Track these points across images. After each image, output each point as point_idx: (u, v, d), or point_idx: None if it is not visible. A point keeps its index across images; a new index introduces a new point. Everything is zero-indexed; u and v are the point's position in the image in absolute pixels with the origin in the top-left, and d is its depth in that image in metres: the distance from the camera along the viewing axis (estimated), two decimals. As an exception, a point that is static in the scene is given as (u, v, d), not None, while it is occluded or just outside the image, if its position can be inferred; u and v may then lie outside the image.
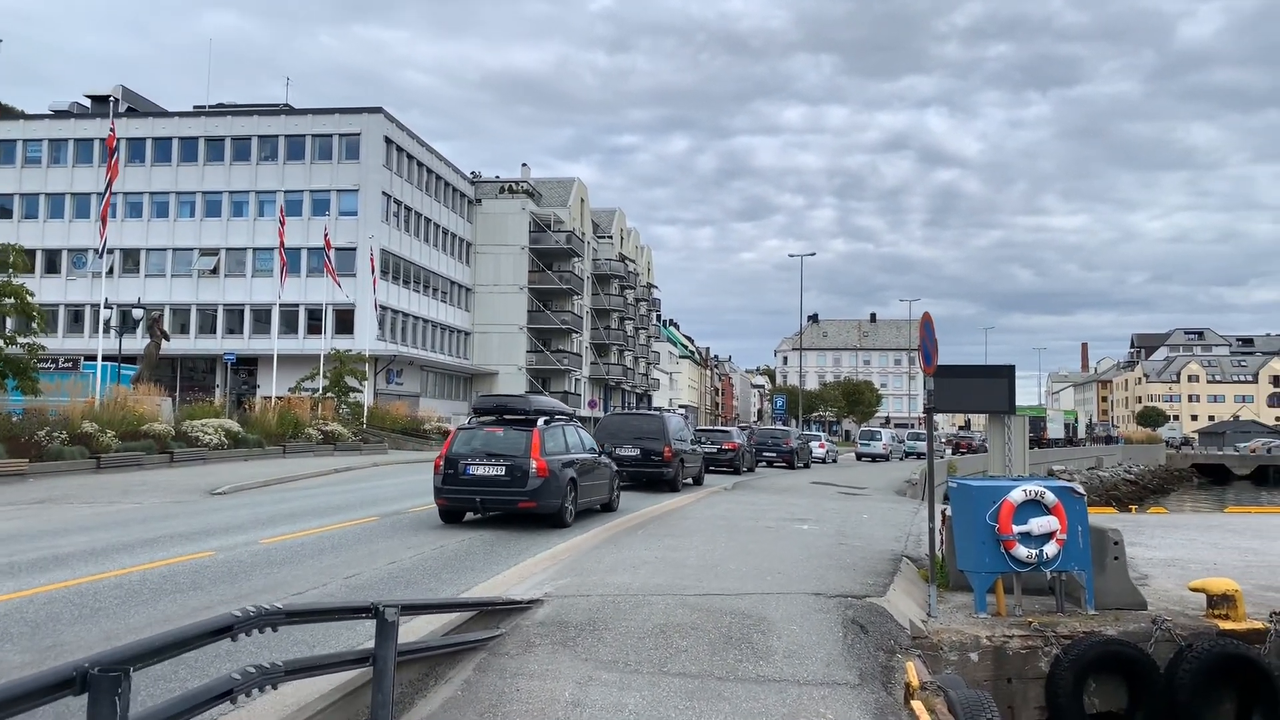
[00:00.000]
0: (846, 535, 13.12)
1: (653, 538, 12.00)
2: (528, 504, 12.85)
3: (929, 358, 9.51)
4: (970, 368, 26.41)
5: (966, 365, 32.28)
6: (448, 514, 13.41)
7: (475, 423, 14.17)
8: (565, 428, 14.57)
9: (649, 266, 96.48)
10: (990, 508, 9.35)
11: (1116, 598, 9.71)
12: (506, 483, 12.83)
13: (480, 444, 13.33)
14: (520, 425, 13.55)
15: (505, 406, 14.36)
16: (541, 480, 12.82)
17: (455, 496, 13.04)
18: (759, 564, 10.01)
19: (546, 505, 13.00)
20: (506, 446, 13.10)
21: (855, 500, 19.88)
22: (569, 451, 14.06)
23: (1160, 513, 23.53)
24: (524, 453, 12.89)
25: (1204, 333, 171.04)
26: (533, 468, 12.79)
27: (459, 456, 13.10)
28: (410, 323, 57.54)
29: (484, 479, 12.88)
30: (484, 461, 12.97)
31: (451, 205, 64.00)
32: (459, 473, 12.97)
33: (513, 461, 12.88)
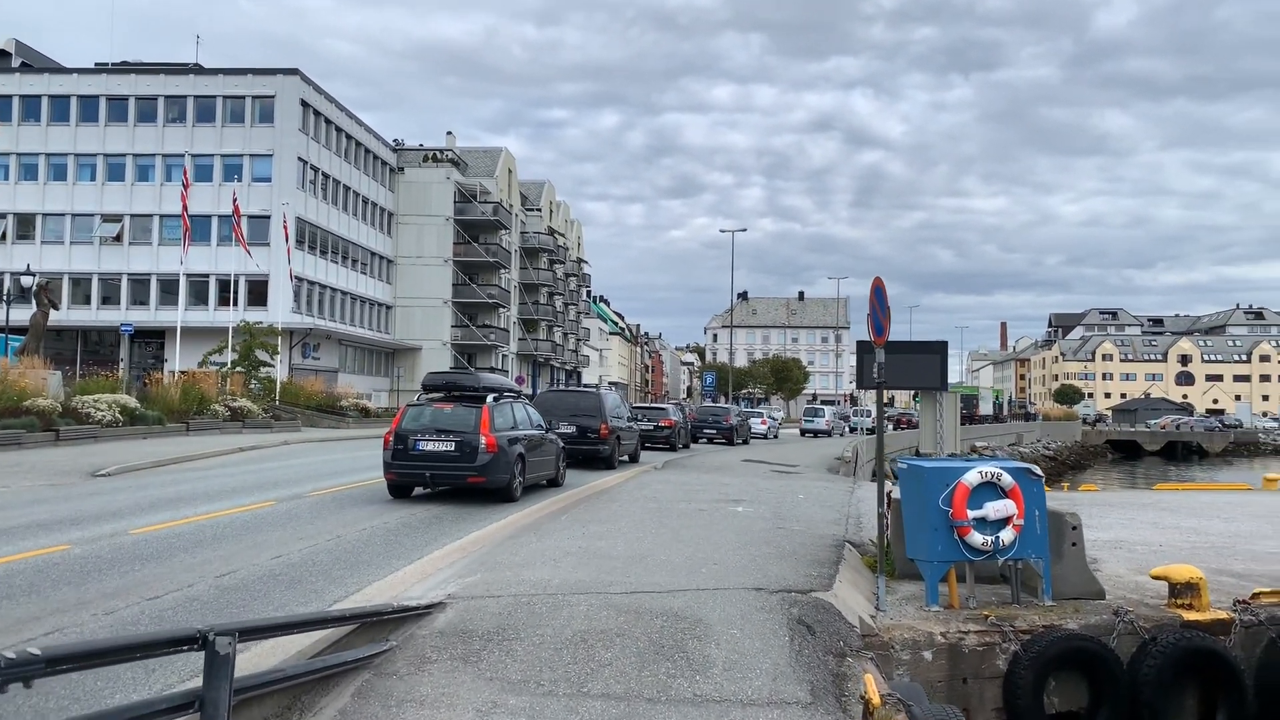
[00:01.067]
0: (784, 518, 12.29)
1: (577, 524, 11.00)
2: (477, 479, 13.03)
3: (880, 328, 8.65)
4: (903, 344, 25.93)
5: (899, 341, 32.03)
6: (397, 488, 13.58)
7: (424, 399, 14.29)
8: (514, 405, 14.75)
9: (579, 241, 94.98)
10: (943, 491, 8.56)
11: (1074, 587, 9.05)
12: (456, 458, 13.01)
13: (430, 420, 13.52)
14: (469, 402, 13.76)
15: (455, 383, 14.61)
16: (490, 456, 13.02)
17: (404, 471, 13.25)
18: (693, 553, 9.08)
19: (495, 480, 13.18)
20: (456, 422, 13.31)
21: (789, 479, 19.16)
22: (517, 428, 14.22)
23: (1092, 490, 23.39)
24: (473, 429, 13.10)
25: (1118, 313, 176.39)
26: (482, 443, 12.97)
27: (409, 432, 13.26)
28: (328, 295, 55.32)
29: (433, 454, 13.08)
30: (434, 437, 13.17)
31: (372, 173, 61.66)
32: (409, 448, 13.14)
33: (462, 437, 13.08)
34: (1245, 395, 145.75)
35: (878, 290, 8.64)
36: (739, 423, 38.80)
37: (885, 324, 8.56)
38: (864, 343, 22.26)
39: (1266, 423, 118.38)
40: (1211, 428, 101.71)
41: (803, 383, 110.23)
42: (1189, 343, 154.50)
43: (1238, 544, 12.78)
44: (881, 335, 8.62)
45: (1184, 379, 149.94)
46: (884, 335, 8.58)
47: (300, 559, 8.75)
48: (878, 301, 8.64)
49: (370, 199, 61.13)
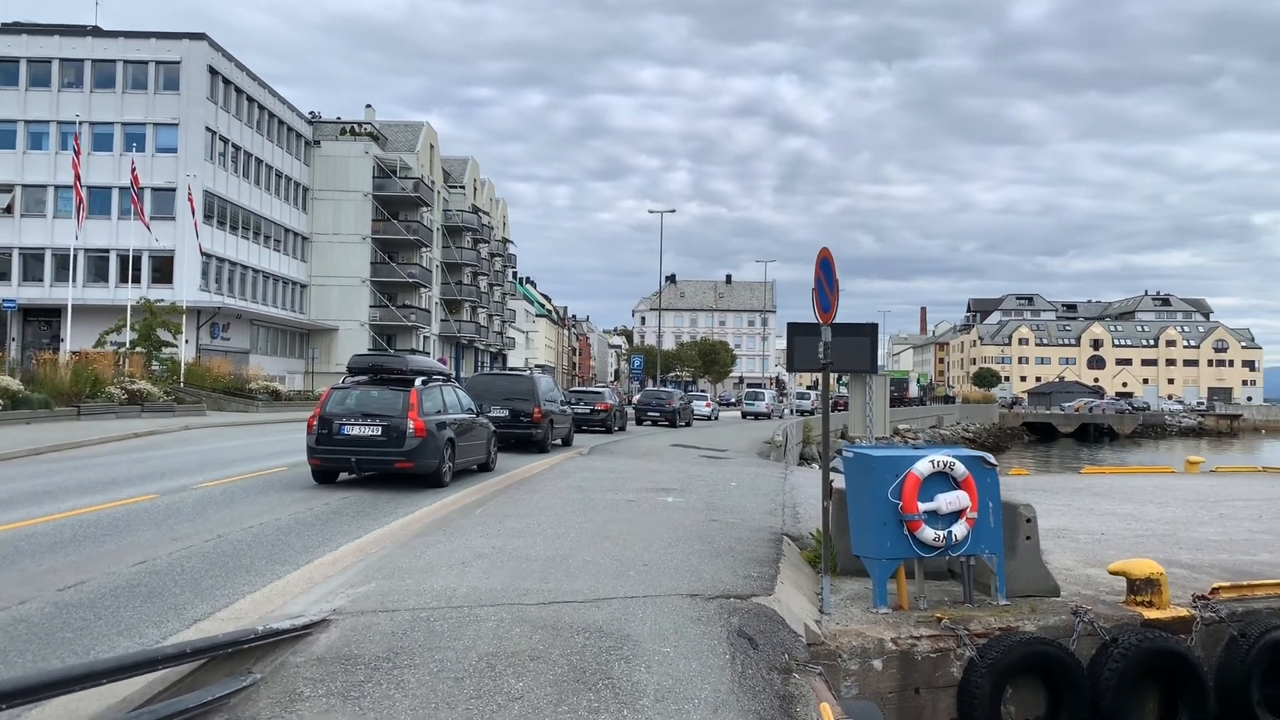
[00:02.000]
0: (717, 509, 11.51)
1: (493, 519, 10.02)
2: (404, 464, 12.71)
3: (826, 304, 7.86)
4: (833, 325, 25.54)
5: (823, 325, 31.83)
6: (321, 474, 13.17)
7: (350, 382, 13.92)
8: (443, 388, 14.46)
9: (504, 221, 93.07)
10: (892, 482, 7.84)
11: (1028, 583, 8.44)
12: (383, 443, 12.68)
13: (355, 403, 13.21)
14: (397, 385, 13.39)
15: (381, 366, 14.11)
16: (419, 440, 12.70)
17: (329, 456, 12.86)
18: (620, 553, 8.19)
19: (424, 465, 12.86)
20: (383, 406, 12.99)
21: (720, 465, 18.44)
22: (447, 412, 13.92)
23: (1023, 474, 23.23)
24: (401, 413, 12.77)
25: (1033, 298, 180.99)
26: (410, 428, 12.65)
27: (333, 416, 12.90)
28: (239, 272, 52.82)
29: (359, 439, 12.73)
30: (359, 421, 12.83)
31: (287, 146, 59.06)
32: (333, 432, 12.77)
33: (389, 421, 12.73)
34: (1152, 379, 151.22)
35: (825, 263, 7.84)
36: (681, 406, 39.39)
37: (833, 300, 7.77)
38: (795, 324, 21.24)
39: (1172, 405, 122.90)
40: (1122, 410, 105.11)
41: (730, 365, 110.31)
42: (1100, 328, 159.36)
43: (1178, 531, 12.45)
44: (829, 312, 7.83)
45: (1095, 363, 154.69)
46: (831, 312, 7.79)
47: (168, 565, 7.61)
48: (824, 275, 7.84)
49: (284, 173, 58.58)
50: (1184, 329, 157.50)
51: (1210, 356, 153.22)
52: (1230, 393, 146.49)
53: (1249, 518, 13.92)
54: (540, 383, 21.61)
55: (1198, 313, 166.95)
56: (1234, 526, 12.95)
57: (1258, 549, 11.10)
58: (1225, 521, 13.42)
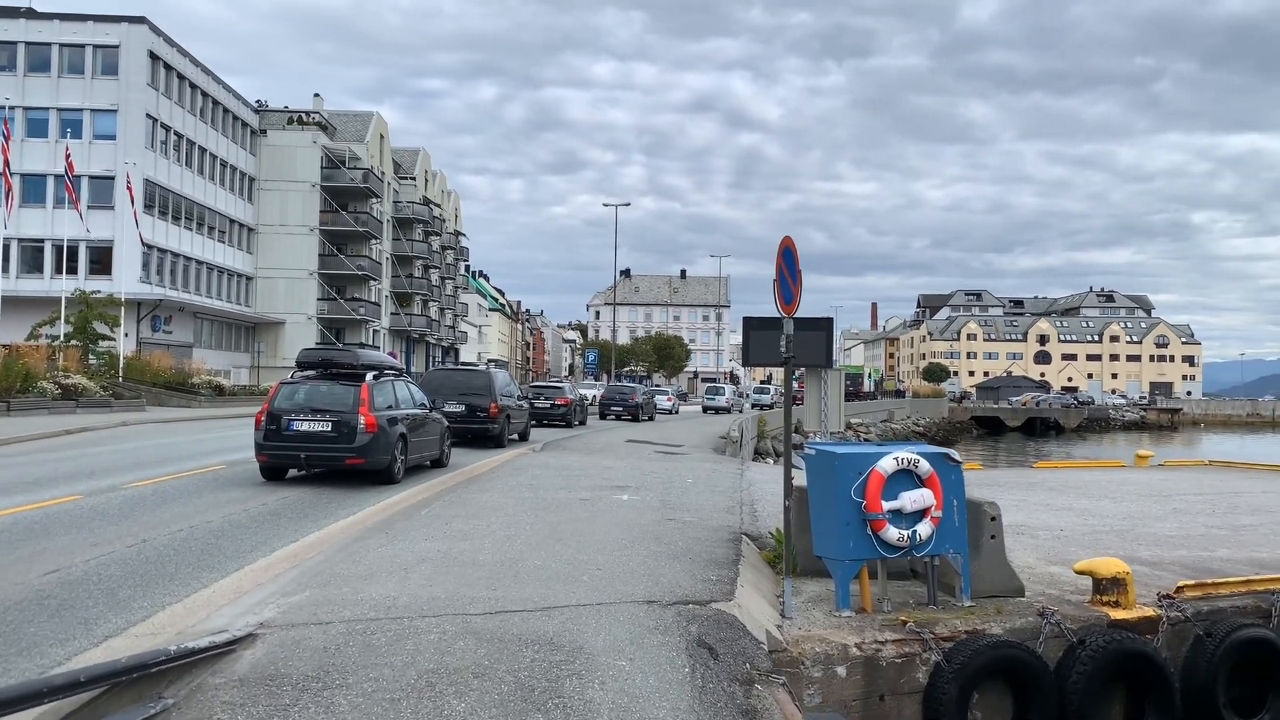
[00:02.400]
0: (673, 507, 11.17)
1: (439, 520, 9.57)
2: (355, 460, 12.45)
3: (789, 295, 7.54)
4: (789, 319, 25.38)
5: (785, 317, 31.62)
6: (270, 470, 12.92)
7: (299, 376, 13.59)
8: (395, 383, 14.18)
9: (456, 213, 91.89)
10: (856, 480, 7.55)
11: (993, 584, 8.21)
12: (333, 439, 12.42)
13: (305, 398, 12.88)
14: (347, 380, 13.15)
15: (331, 360, 13.91)
16: (370, 436, 12.44)
17: (277, 453, 12.61)
18: (573, 556, 7.81)
19: (375, 461, 12.62)
20: (333, 401, 12.71)
21: (675, 461, 18.11)
22: (399, 407, 13.68)
23: (975, 469, 23.22)
24: (351, 408, 12.52)
25: (982, 294, 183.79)
26: (361, 423, 12.41)
27: (282, 411, 12.60)
28: (181, 264, 51.37)
29: (309, 435, 12.47)
30: (309, 417, 12.56)
31: (232, 135, 57.58)
32: (282, 428, 12.48)
33: (340, 417, 12.48)
34: (1097, 374, 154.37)
35: (787, 252, 7.51)
36: (644, 400, 40.19)
37: (795, 290, 7.45)
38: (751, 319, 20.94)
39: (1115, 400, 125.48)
40: (1068, 404, 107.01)
41: (685, 360, 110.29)
42: (1047, 323, 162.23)
43: (1136, 526, 12.39)
44: (791, 304, 7.51)
45: (1042, 358, 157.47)
46: (794, 304, 7.47)
47: (84, 573, 7.06)
48: (786, 265, 7.52)
49: (229, 162, 57.11)
50: (1127, 325, 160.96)
51: (1152, 352, 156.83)
52: (1171, 387, 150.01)
53: (1203, 512, 13.94)
54: (497, 378, 21.52)
55: (1140, 309, 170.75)
56: (1189, 521, 12.93)
57: (1215, 545, 11.04)
58: (1180, 516, 13.41)
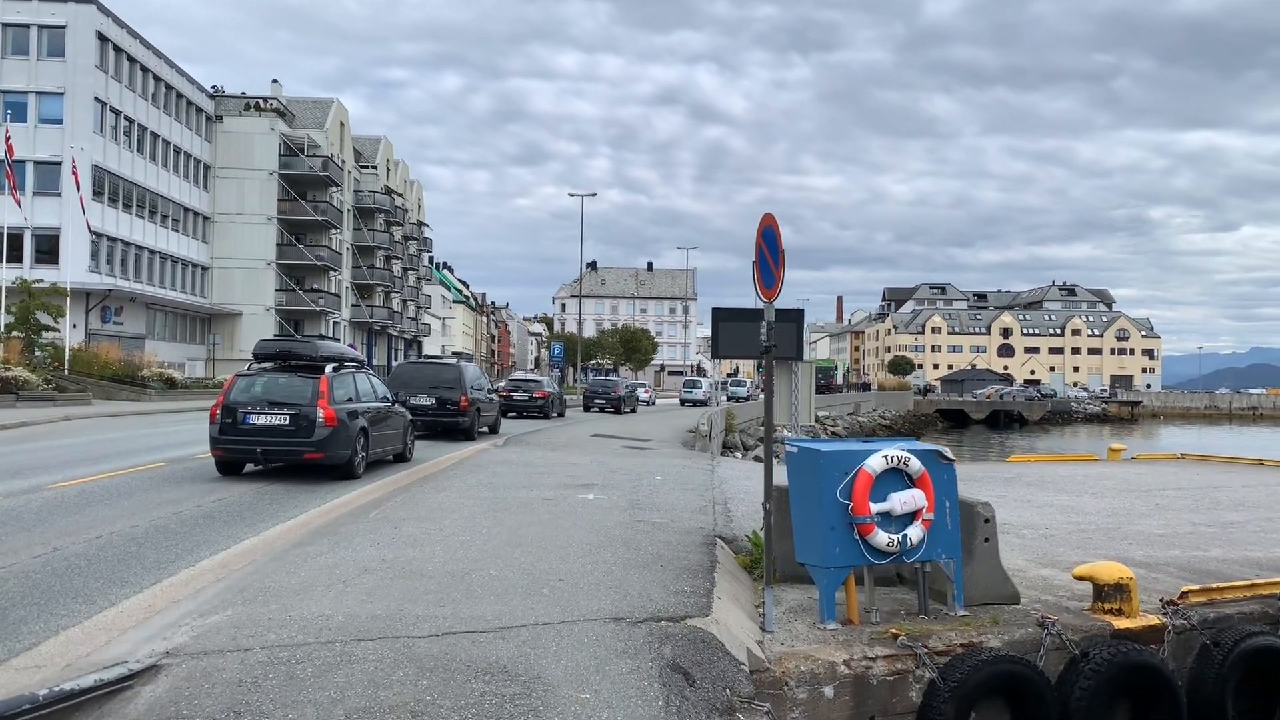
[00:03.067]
0: (642, 507, 10.50)
1: (389, 524, 8.82)
2: (314, 454, 12.19)
3: (770, 279, 6.88)
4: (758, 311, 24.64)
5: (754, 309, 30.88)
6: (225, 465, 12.62)
7: (256, 369, 13.24)
8: (355, 375, 13.94)
9: (419, 203, 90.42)
10: (842, 480, 6.93)
11: (987, 590, 7.64)
12: (291, 432, 12.16)
13: (262, 391, 12.61)
14: (306, 372, 12.86)
15: (289, 352, 13.47)
16: (330, 430, 12.21)
17: (233, 447, 12.29)
18: (533, 564, 7.11)
19: (335, 456, 12.37)
20: (291, 394, 12.46)
21: (643, 457, 17.45)
22: (360, 400, 13.45)
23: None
24: (310, 401, 12.28)
25: (946, 288, 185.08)
26: (320, 417, 12.17)
27: (238, 404, 12.30)
28: (133, 253, 49.78)
29: (266, 428, 12.20)
30: (266, 410, 12.28)
31: (186, 121, 55.92)
32: (238, 422, 12.19)
33: (298, 410, 12.23)
34: (1059, 366, 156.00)
35: (768, 232, 6.85)
36: (626, 394, 42.53)
37: (777, 274, 6.79)
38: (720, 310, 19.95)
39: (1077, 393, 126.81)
40: (1031, 397, 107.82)
41: (652, 353, 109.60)
42: (1010, 317, 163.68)
43: (1122, 524, 11.92)
44: (773, 288, 6.85)
45: (1005, 351, 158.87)
46: (776, 288, 6.81)
47: (-25, 591, 6.24)
48: (768, 245, 6.86)
49: (184, 149, 55.47)
50: (1088, 318, 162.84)
51: (1113, 345, 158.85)
52: (1131, 380, 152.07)
53: (1186, 508, 13.54)
54: (467, 371, 21.43)
55: (1101, 303, 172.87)
56: (1175, 518, 12.50)
57: (1207, 543, 10.59)
58: (1165, 513, 12.98)
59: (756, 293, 6.97)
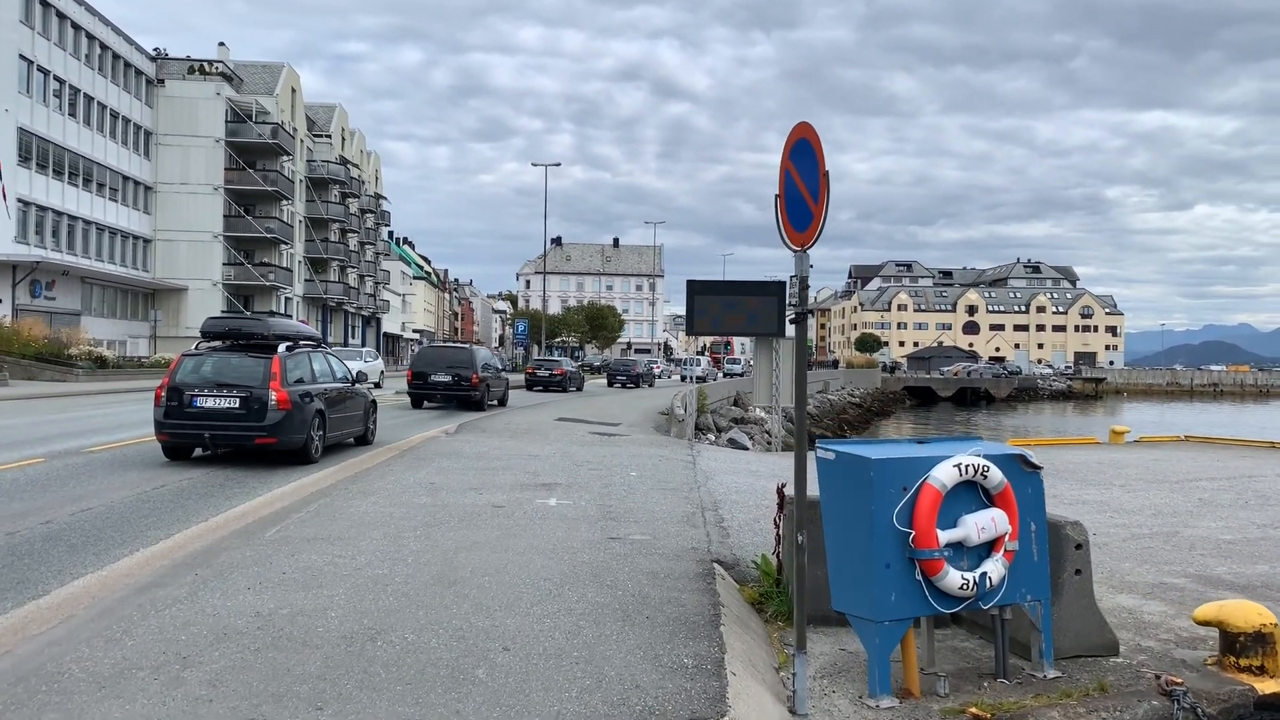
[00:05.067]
0: (616, 517, 8.51)
1: (285, 548, 6.75)
2: (266, 439, 11.55)
3: (804, 216, 4.88)
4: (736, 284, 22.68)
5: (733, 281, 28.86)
6: (172, 450, 11.99)
7: (204, 348, 12.60)
8: (311, 354, 13.25)
9: (376, 175, 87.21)
10: (900, 499, 4.99)
11: (1078, 638, 5.78)
12: (241, 416, 11.54)
13: (210, 372, 11.95)
14: (257, 351, 12.21)
15: (239, 330, 12.90)
16: (283, 413, 11.60)
17: (179, 431, 11.63)
18: (468, 619, 5.10)
19: (289, 441, 11.76)
20: (241, 375, 11.82)
21: (613, 446, 15.45)
22: (316, 381, 12.82)
23: (944, 448, 21.05)
24: (262, 382, 11.65)
25: (912, 265, 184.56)
26: (272, 399, 11.55)
27: (184, 386, 11.65)
28: (66, 223, 46.67)
29: (214, 411, 11.56)
30: (214, 392, 11.62)
31: (124, 84, 52.62)
32: (184, 404, 11.54)
33: (249, 392, 11.59)
34: (1024, 344, 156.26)
35: (801, 149, 4.84)
36: (644, 371, 50.87)
37: (816, 208, 4.77)
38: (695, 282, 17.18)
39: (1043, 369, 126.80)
40: (998, 375, 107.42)
41: (618, 330, 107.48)
42: (975, 294, 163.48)
43: (1177, 526, 10.16)
44: (807, 229, 4.84)
45: (971, 328, 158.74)
46: (813, 229, 4.80)
47: None
48: (800, 168, 4.85)
49: (123, 114, 52.21)
50: (1053, 295, 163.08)
51: (1077, 322, 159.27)
52: (1095, 357, 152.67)
53: (1235, 504, 11.83)
54: (478, 353, 25.69)
55: (1066, 280, 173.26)
56: (1232, 518, 10.76)
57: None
58: (1216, 511, 11.25)
59: (782, 238, 4.97)
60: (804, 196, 4.77)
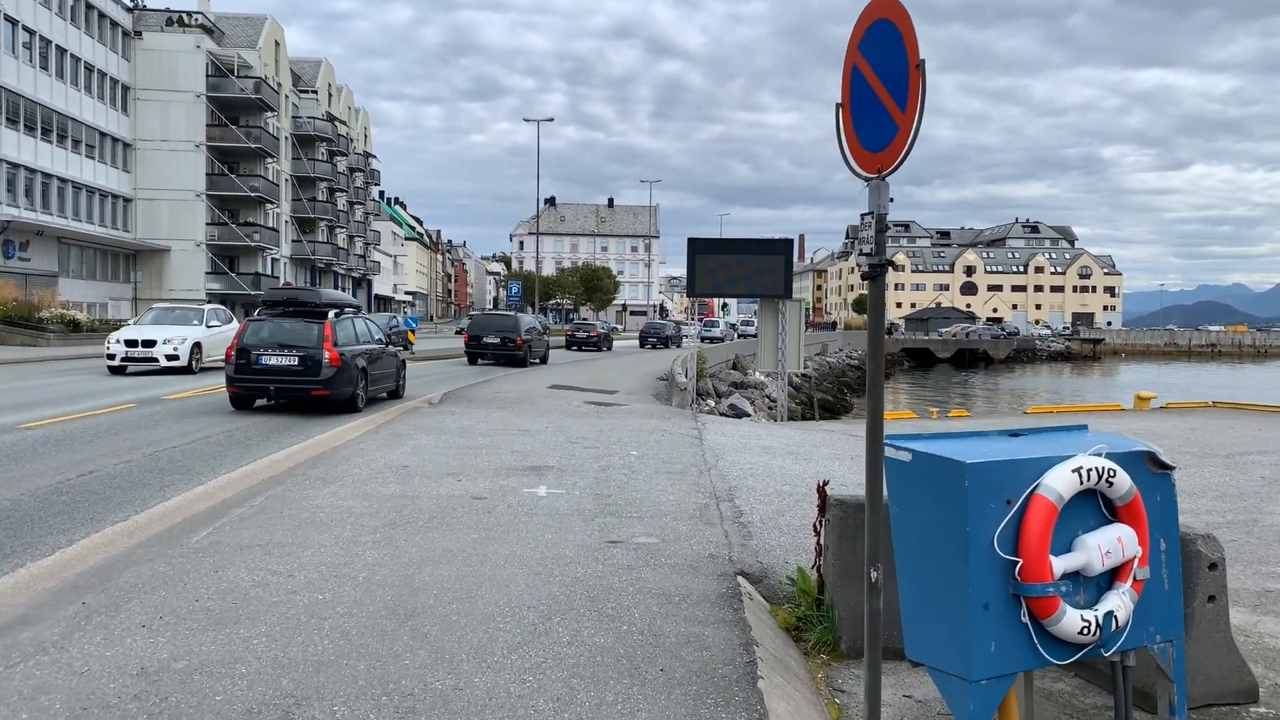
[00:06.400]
0: (616, 511, 7.24)
1: (209, 559, 5.47)
2: (321, 391, 13.45)
3: (883, 126, 3.51)
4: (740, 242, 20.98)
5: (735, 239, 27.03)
6: (239, 400, 13.89)
7: (264, 314, 14.47)
8: (354, 320, 15.20)
9: (365, 132, 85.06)
10: (1003, 516, 3.71)
11: (1209, 681, 4.56)
12: (300, 372, 13.42)
13: (270, 335, 13.77)
14: (311, 317, 14.10)
15: (295, 299, 14.82)
16: (335, 370, 13.48)
17: (247, 384, 13.59)
18: (420, 677, 3.83)
19: (340, 393, 13.67)
20: (298, 338, 13.64)
21: (611, 418, 14.16)
22: (359, 342, 14.66)
23: (963, 416, 19.88)
24: (316, 343, 13.52)
25: (910, 225, 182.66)
26: (326, 358, 13.44)
27: (251, 346, 13.58)
28: (39, 181, 44.92)
29: (277, 368, 13.46)
30: (276, 352, 13.50)
31: (99, 36, 50.55)
32: (251, 362, 13.48)
33: (306, 352, 13.47)
34: (1021, 304, 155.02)
35: (880, 30, 3.47)
36: (674, 333, 54.14)
37: (904, 116, 3.41)
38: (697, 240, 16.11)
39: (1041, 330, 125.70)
40: (997, 336, 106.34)
41: (613, 293, 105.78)
42: (974, 254, 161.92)
43: (1252, 512, 8.94)
44: (886, 148, 3.49)
45: (968, 289, 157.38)
46: (901, 141, 3.44)
47: None
48: (872, 58, 3.49)
49: (98, 67, 50.22)
50: (1051, 256, 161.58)
51: (1075, 283, 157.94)
52: (1092, 318, 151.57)
53: (1304, 483, 10.62)
54: (523, 319, 30.31)
55: (1064, 240, 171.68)
56: (1309, 502, 9.55)
57: (1403, 549, 7.60)
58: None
59: (846, 161, 3.62)
60: (882, 100, 3.42)
